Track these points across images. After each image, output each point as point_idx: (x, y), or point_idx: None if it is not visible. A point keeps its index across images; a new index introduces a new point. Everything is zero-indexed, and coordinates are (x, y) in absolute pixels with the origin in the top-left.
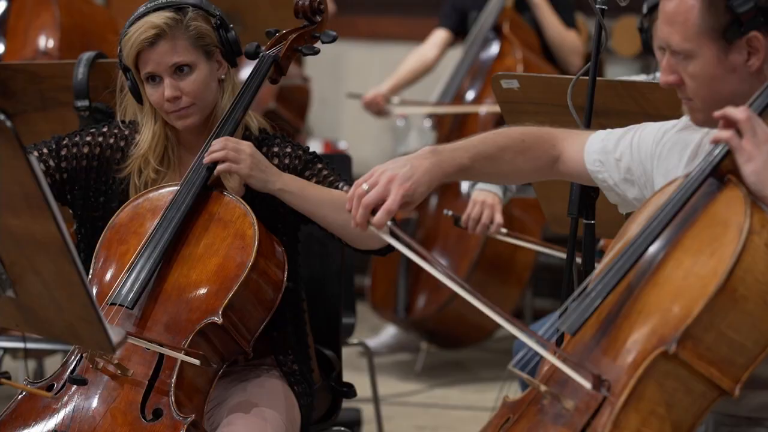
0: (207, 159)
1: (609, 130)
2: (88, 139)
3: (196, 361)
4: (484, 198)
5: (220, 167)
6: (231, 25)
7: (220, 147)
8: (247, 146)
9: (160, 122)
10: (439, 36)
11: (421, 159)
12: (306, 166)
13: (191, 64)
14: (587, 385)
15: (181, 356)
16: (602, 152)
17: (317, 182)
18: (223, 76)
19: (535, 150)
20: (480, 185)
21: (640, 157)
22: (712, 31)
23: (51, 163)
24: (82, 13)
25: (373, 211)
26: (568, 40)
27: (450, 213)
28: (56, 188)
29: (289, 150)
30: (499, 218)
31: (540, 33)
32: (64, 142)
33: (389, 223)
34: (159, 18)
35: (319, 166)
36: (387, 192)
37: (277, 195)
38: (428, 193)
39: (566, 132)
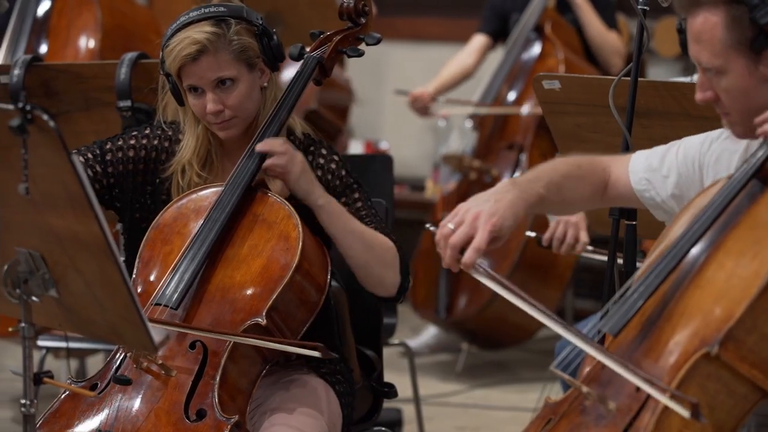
0: (262, 147)
1: (651, 149)
2: (132, 142)
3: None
4: (567, 216)
5: (270, 162)
6: (273, 30)
7: (279, 145)
8: (301, 156)
9: (203, 126)
10: (478, 41)
11: (504, 193)
12: (344, 190)
13: (234, 77)
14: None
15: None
16: (648, 170)
17: (348, 210)
18: (265, 84)
19: (591, 176)
20: None
21: (687, 171)
22: (739, 44)
23: (98, 168)
24: (123, 13)
25: (462, 251)
26: (609, 40)
27: (533, 234)
28: (104, 194)
29: (333, 166)
30: (584, 237)
31: (581, 33)
32: (108, 146)
33: (479, 262)
34: (201, 34)
35: (356, 196)
36: (474, 230)
37: (314, 210)
38: (515, 227)
39: (610, 157)
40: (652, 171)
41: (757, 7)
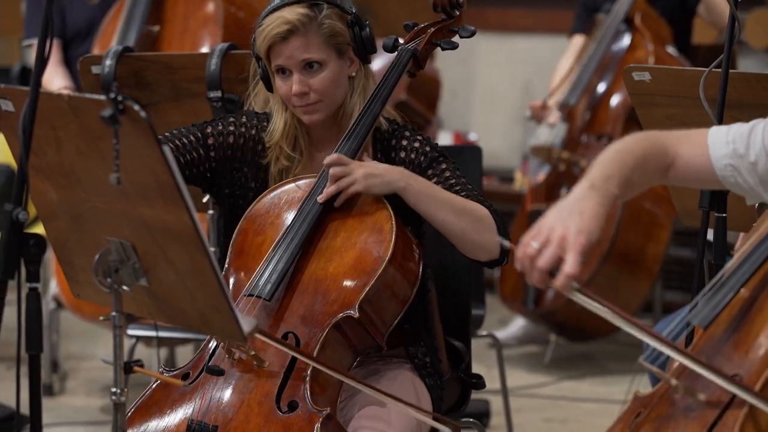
0: (322, 198)
1: (726, 128)
2: (231, 128)
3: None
4: None
5: (339, 200)
6: (367, 22)
7: (331, 182)
8: (354, 163)
9: (290, 111)
10: (577, 43)
11: (587, 200)
12: (430, 164)
13: (321, 61)
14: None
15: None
16: (733, 156)
17: (437, 182)
18: (354, 74)
19: (654, 162)
20: None
21: None
22: None
23: (201, 152)
24: (241, 7)
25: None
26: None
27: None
28: (204, 177)
29: (417, 145)
30: None
31: (671, 24)
32: (209, 130)
33: (574, 284)
34: (293, 14)
35: (443, 166)
36: (563, 251)
37: (400, 193)
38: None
39: (674, 136)
40: (738, 157)
41: None
